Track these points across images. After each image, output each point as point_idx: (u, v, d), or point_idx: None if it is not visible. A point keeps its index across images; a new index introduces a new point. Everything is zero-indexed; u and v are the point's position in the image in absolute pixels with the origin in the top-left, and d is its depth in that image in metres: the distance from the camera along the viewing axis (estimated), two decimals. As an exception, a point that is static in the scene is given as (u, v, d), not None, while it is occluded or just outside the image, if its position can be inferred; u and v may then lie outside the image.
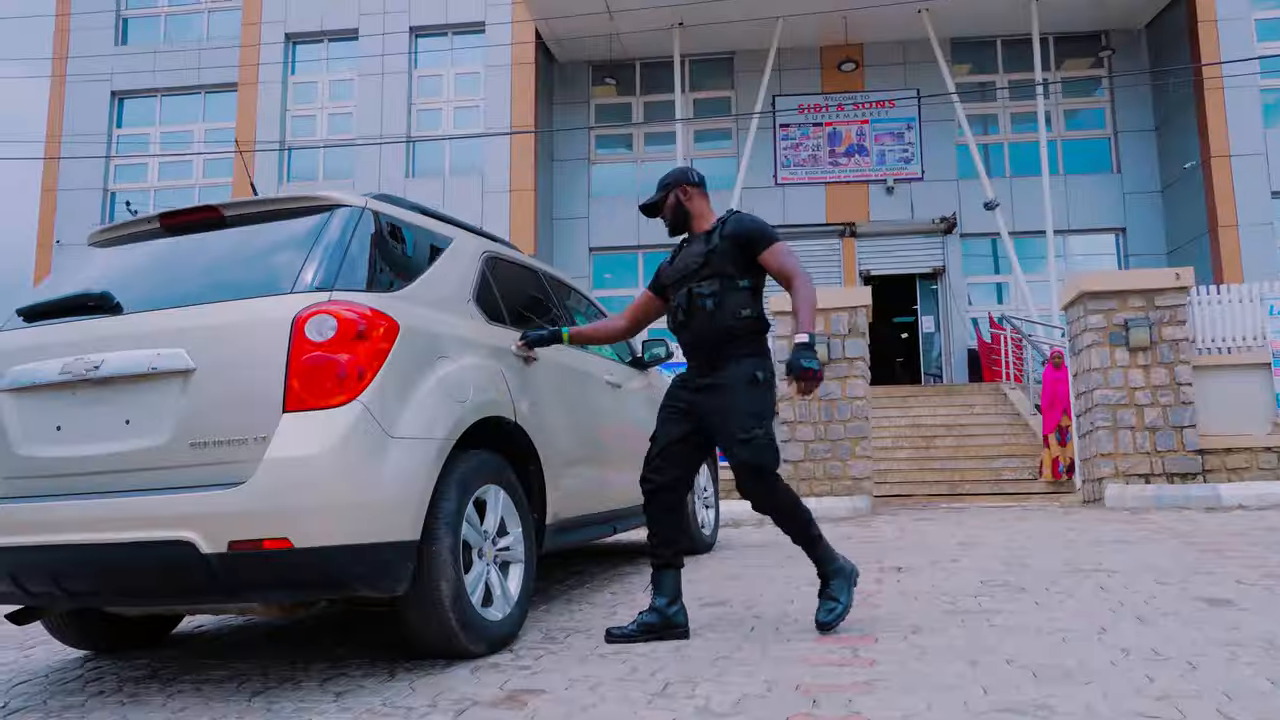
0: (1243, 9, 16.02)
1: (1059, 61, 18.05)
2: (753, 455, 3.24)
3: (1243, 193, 15.60)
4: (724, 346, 3.35)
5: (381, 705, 2.68)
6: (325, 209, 3.13)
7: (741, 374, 3.31)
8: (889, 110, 18.18)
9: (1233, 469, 7.46)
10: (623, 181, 18.61)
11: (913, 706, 2.45)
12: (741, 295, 3.35)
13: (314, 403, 2.68)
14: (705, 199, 3.58)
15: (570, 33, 17.11)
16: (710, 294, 3.34)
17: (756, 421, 3.26)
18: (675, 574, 3.43)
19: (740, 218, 3.45)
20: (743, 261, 3.36)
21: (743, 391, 3.29)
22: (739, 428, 3.25)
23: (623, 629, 3.38)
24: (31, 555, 2.72)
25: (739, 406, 3.28)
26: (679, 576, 3.45)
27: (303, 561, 2.61)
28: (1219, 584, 3.96)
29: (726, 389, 3.31)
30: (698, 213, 3.53)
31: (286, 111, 17.70)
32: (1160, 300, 7.68)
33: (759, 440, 3.24)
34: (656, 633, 3.34)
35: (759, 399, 3.31)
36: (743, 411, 3.27)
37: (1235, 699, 2.41)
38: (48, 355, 2.86)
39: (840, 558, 3.46)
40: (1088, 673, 2.70)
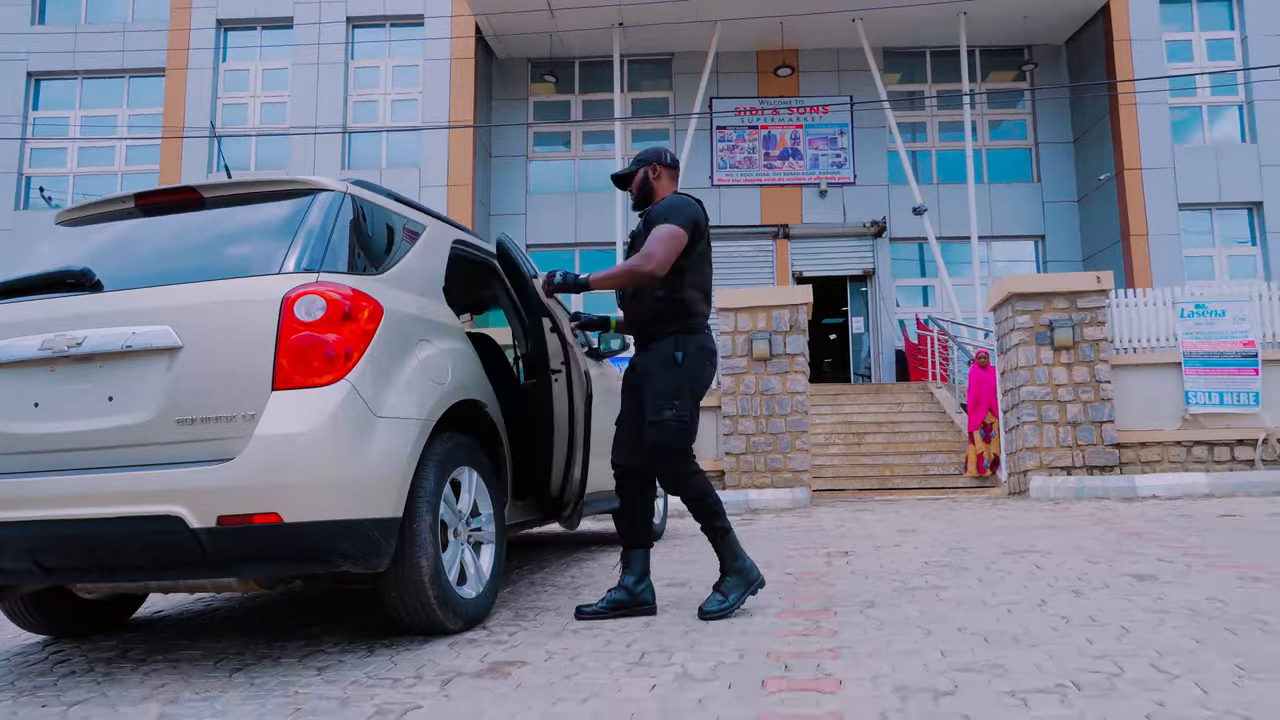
0: (1154, 30, 16.86)
1: (985, 74, 18.72)
2: (659, 436, 3.30)
3: (1153, 204, 16.41)
4: (648, 326, 3.46)
5: (366, 678, 2.75)
6: (306, 193, 3.17)
7: (659, 354, 3.39)
8: (823, 116, 18.61)
9: (1146, 462, 7.92)
10: (561, 179, 18.67)
11: (878, 669, 2.62)
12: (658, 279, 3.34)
13: (303, 381, 2.73)
14: (673, 183, 3.62)
15: (510, 29, 17.09)
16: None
17: (667, 403, 3.30)
18: (644, 553, 3.54)
19: (667, 200, 3.46)
20: None
21: (658, 372, 3.36)
22: (650, 409, 3.33)
23: (592, 606, 3.49)
24: (9, 531, 2.70)
25: (653, 387, 3.35)
26: (648, 556, 3.56)
27: (292, 537, 2.66)
28: (1142, 562, 4.26)
29: (647, 368, 3.41)
30: (660, 192, 3.57)
31: (217, 99, 17.28)
32: (1082, 302, 8.11)
33: (667, 422, 3.29)
34: (625, 609, 3.45)
35: (673, 380, 3.34)
36: (656, 392, 3.33)
37: (1165, 656, 2.64)
38: (25, 331, 2.84)
39: (748, 561, 3.46)
40: (1033, 638, 2.91)
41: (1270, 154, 16.49)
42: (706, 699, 2.41)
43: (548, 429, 3.84)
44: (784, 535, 5.91)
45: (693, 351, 3.39)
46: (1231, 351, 8.07)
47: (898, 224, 17.88)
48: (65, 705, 2.63)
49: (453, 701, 2.48)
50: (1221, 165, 16.57)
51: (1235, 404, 7.97)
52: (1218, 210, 16.81)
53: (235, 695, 2.63)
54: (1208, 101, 17.15)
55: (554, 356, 3.85)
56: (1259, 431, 7.94)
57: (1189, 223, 16.70)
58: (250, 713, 2.46)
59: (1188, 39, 17.21)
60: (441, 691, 2.57)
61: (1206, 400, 8.00)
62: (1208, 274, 16.60)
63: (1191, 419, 8.09)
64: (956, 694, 2.37)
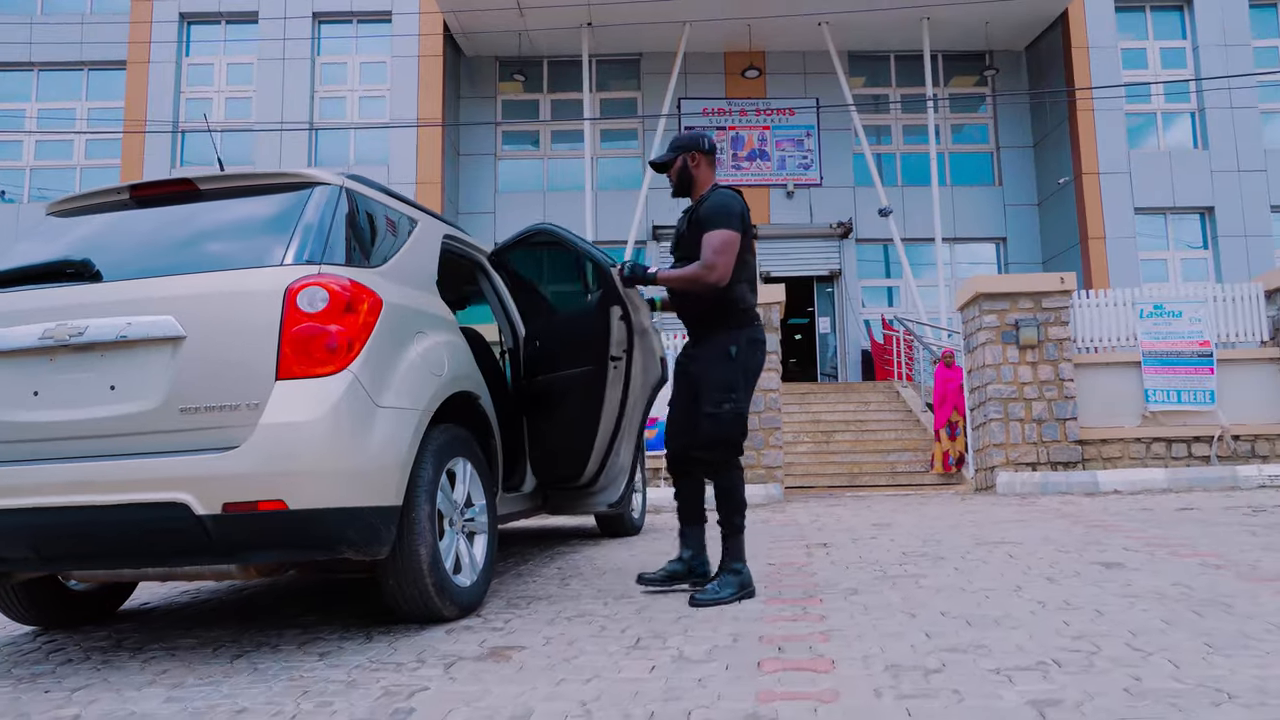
0: (1111, 38, 17.28)
1: (947, 78, 19.04)
2: (715, 428, 3.49)
3: (1109, 208, 16.82)
4: (700, 321, 3.59)
5: (369, 663, 2.79)
6: (303, 186, 3.20)
7: (714, 348, 3.53)
8: (790, 118, 18.80)
9: (1108, 458, 8.15)
10: (529, 178, 18.67)
11: (867, 650, 2.73)
12: None
13: (306, 371, 2.77)
14: (712, 169, 3.71)
15: (479, 27, 17.06)
16: None
17: (725, 395, 3.47)
18: (700, 529, 3.73)
19: (712, 201, 3.54)
20: (699, 244, 3.49)
21: (714, 365, 3.51)
22: (708, 401, 3.49)
23: (652, 575, 3.72)
24: (10, 519, 2.71)
25: (710, 380, 3.50)
26: (703, 531, 3.75)
27: (296, 523, 2.70)
28: (1109, 552, 4.42)
29: (703, 361, 3.56)
30: (701, 181, 3.66)
31: (181, 93, 17.04)
32: (1047, 302, 8.33)
33: (724, 414, 3.47)
34: (681, 579, 3.69)
35: (728, 372, 3.50)
36: (712, 385, 3.49)
37: (1138, 636, 2.77)
38: (25, 320, 2.84)
39: (747, 571, 3.56)
40: (1013, 620, 3.03)
41: (1221, 160, 16.98)
42: (706, 678, 2.50)
43: (593, 415, 3.93)
44: (761, 529, 6.01)
45: (744, 344, 3.53)
46: (1188, 351, 8.34)
47: (863, 225, 18.13)
48: (68, 691, 2.64)
49: (457, 683, 2.54)
50: (1175, 171, 17.03)
51: (1192, 402, 8.23)
52: (1172, 214, 17.27)
53: (240, 680, 2.66)
54: (1162, 108, 17.61)
55: (616, 344, 3.96)
56: (1214, 429, 8.22)
57: (1144, 226, 17.13)
58: (258, 695, 2.50)
59: (1142, 47, 17.66)
60: (446, 674, 2.63)
61: (1165, 398, 8.26)
62: (1162, 277, 17.04)
63: (1151, 416, 8.35)
64: (944, 671, 2.48)
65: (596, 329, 3.99)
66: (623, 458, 4.04)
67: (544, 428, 4.15)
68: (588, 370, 4.02)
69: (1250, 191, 16.92)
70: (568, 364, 4.12)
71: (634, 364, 3.99)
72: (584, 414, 4.01)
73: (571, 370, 4.09)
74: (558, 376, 4.13)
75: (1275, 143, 17.37)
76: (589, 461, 4.05)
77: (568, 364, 4.12)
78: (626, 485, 4.11)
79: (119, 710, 2.43)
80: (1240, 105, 16.95)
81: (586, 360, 4.03)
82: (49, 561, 2.84)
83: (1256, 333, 8.48)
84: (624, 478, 4.11)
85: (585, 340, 4.04)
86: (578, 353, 4.07)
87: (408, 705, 2.35)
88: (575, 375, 4.07)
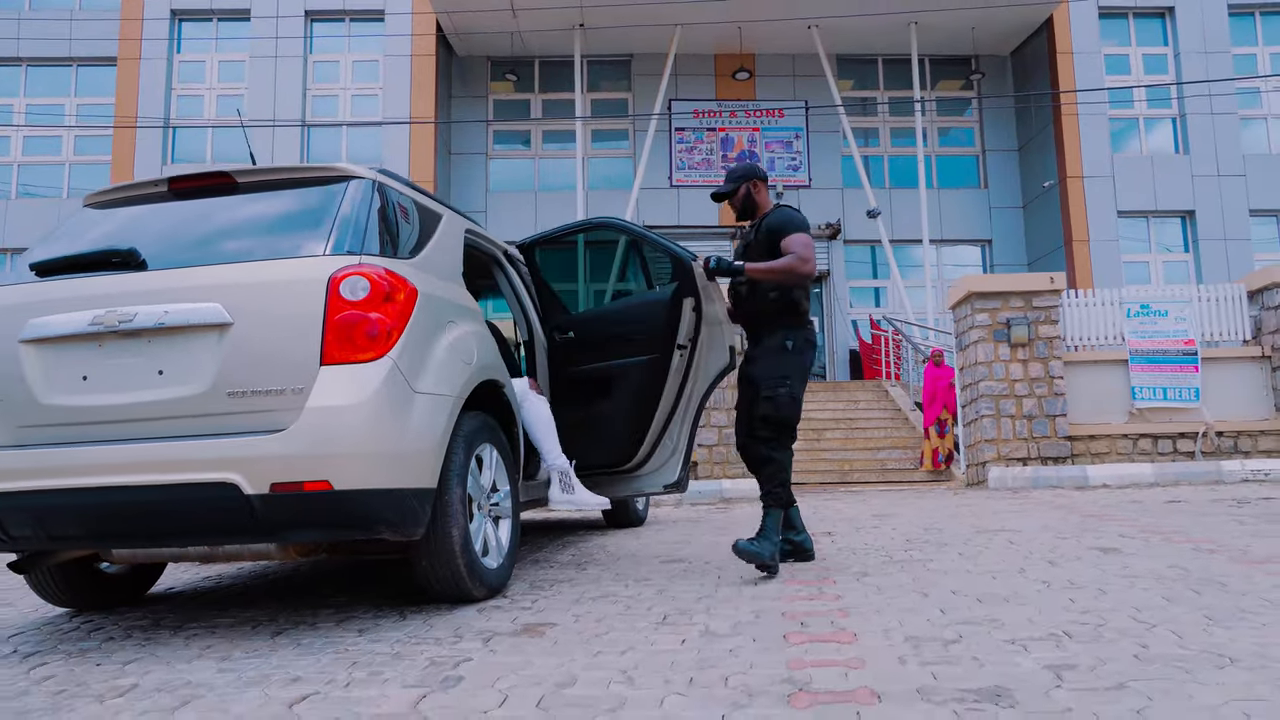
0: (1094, 44, 17.57)
1: (934, 82, 19.29)
2: (772, 409, 3.81)
3: (1093, 211, 17.10)
4: (761, 324, 3.92)
5: (408, 638, 2.90)
6: (339, 180, 3.30)
7: (773, 342, 3.87)
8: (779, 119, 19.00)
9: (1096, 453, 8.35)
10: (520, 177, 18.77)
11: (886, 624, 2.86)
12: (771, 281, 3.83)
13: (348, 357, 2.88)
14: (766, 191, 4.10)
15: (472, 27, 17.14)
16: (745, 281, 3.90)
17: (780, 380, 3.82)
18: (795, 510, 4.10)
19: (778, 213, 3.94)
20: (772, 250, 3.84)
21: (772, 355, 3.86)
22: (765, 386, 3.82)
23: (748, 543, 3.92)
24: (64, 498, 2.80)
25: (766, 366, 3.84)
26: (797, 511, 4.10)
27: (340, 503, 2.80)
28: (1105, 539, 4.58)
29: (759, 353, 3.89)
30: (762, 203, 4.06)
31: (172, 90, 17.03)
32: (1037, 301, 8.53)
33: (780, 396, 3.81)
34: (792, 556, 4.08)
35: (785, 362, 3.85)
36: (769, 371, 3.83)
37: (1142, 611, 2.93)
38: (74, 307, 2.93)
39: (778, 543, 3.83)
40: (1021, 598, 3.18)
41: (1202, 165, 17.30)
42: (736, 649, 2.62)
43: (651, 400, 4.10)
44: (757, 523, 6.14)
45: (800, 342, 3.88)
46: (1173, 349, 8.56)
47: (851, 226, 18.33)
48: (119, 664, 2.74)
49: (499, 655, 2.65)
50: (1157, 175, 17.33)
51: (1178, 399, 8.44)
52: (1153, 218, 17.57)
53: (286, 653, 2.76)
54: (1144, 114, 17.92)
55: (683, 333, 4.21)
56: (1199, 425, 8.43)
57: (1127, 229, 17.43)
58: (308, 665, 2.60)
59: (1125, 53, 17.96)
60: (485, 648, 2.74)
61: (1151, 395, 8.46)
62: (1144, 279, 17.34)
63: (1137, 413, 8.55)
64: (962, 642, 2.62)
65: (666, 318, 4.23)
66: (676, 440, 4.25)
67: (592, 415, 4.31)
68: (650, 358, 4.22)
69: (1230, 196, 17.25)
70: (624, 353, 4.31)
71: (698, 352, 4.21)
72: (641, 400, 4.21)
73: (630, 359, 4.29)
74: (614, 365, 4.30)
75: (1254, 148, 17.72)
76: (642, 445, 4.23)
77: (624, 353, 4.31)
78: (683, 467, 4.29)
79: (174, 679, 2.53)
80: (1220, 111, 17.28)
81: (649, 348, 4.24)
82: (99, 539, 2.93)
83: (1239, 332, 8.71)
84: (678, 460, 4.30)
85: (649, 328, 4.24)
86: (638, 341, 4.27)
87: (456, 674, 2.46)
88: (634, 363, 4.26)
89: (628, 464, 4.35)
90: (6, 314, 3.01)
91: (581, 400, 4.39)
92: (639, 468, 4.38)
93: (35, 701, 2.39)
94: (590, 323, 4.53)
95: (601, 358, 4.32)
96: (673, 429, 4.30)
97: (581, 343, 4.47)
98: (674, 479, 4.32)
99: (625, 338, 4.33)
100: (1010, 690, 2.15)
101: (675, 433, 4.29)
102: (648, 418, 4.25)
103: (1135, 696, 2.08)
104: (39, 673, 2.70)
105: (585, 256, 5.03)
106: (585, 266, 5.03)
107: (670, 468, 4.33)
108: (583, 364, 4.46)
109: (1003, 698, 2.11)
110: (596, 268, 5.10)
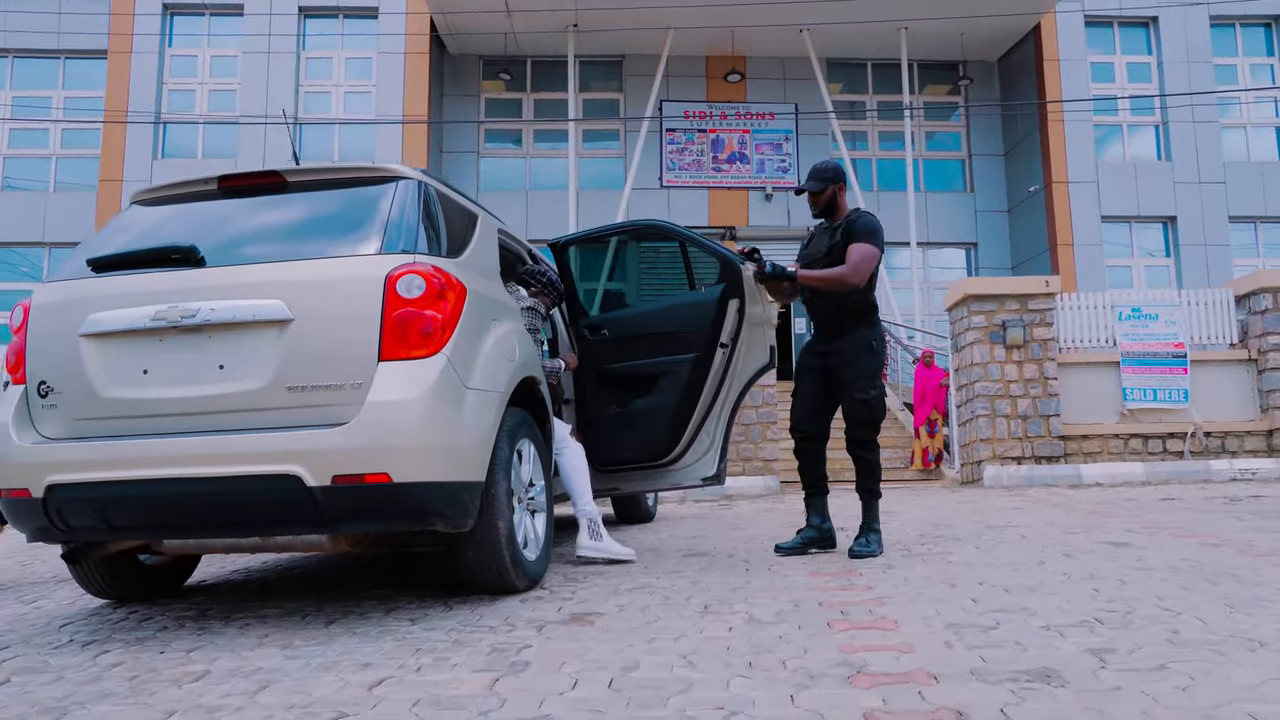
0: (1080, 52, 17.85)
1: (922, 86, 19.51)
2: (868, 411, 4.06)
3: (1078, 215, 17.38)
4: (841, 320, 4.10)
5: (461, 626, 2.99)
6: (388, 180, 3.38)
7: (859, 342, 4.07)
8: (769, 122, 19.15)
9: (1088, 453, 8.55)
10: (512, 176, 18.79)
11: (924, 612, 2.98)
12: None
13: (405, 353, 2.96)
14: (846, 195, 4.32)
15: (466, 27, 17.16)
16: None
17: (872, 383, 4.09)
18: (824, 499, 4.30)
19: (865, 221, 4.11)
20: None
21: (861, 356, 4.07)
22: (858, 388, 4.04)
23: (789, 544, 4.25)
24: (125, 490, 2.86)
25: (859, 369, 4.05)
26: (826, 501, 4.31)
27: (398, 496, 2.89)
28: (1113, 534, 4.73)
29: (848, 353, 4.07)
30: (842, 206, 4.23)
31: (163, 85, 16.94)
32: (1032, 304, 8.72)
33: (874, 398, 4.06)
34: (816, 544, 4.30)
35: (873, 362, 4.07)
36: (861, 374, 4.05)
37: (1164, 599, 3.06)
38: (136, 303, 2.99)
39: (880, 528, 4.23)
40: (1046, 588, 3.31)
41: (1183, 172, 17.62)
42: (784, 636, 2.73)
43: (691, 396, 4.22)
44: (769, 517, 6.28)
45: (879, 341, 4.12)
46: (1164, 352, 8.77)
47: (840, 229, 18.49)
48: (182, 652, 2.80)
49: (556, 642, 2.74)
50: (1140, 181, 17.64)
51: (1168, 400, 8.65)
52: (1136, 223, 17.87)
53: (347, 641, 2.84)
54: (1128, 121, 18.22)
55: (726, 332, 4.36)
56: (1188, 425, 8.64)
57: (1110, 234, 17.72)
58: (372, 651, 2.68)
59: (1111, 61, 18.26)
60: (540, 635, 2.83)
61: (1142, 397, 8.67)
62: (1127, 283, 17.63)
63: (1128, 414, 8.76)
64: (1000, 629, 2.74)
65: (712, 317, 4.37)
66: (713, 435, 4.38)
67: (632, 410, 4.41)
68: (695, 356, 4.33)
69: (1210, 202, 17.58)
70: (668, 350, 4.44)
71: (738, 351, 4.34)
72: (683, 396, 4.32)
73: (674, 356, 4.41)
74: (657, 361, 4.42)
75: (1234, 155, 18.06)
76: (680, 440, 4.35)
77: (668, 350, 4.44)
78: (720, 461, 4.42)
79: (244, 665, 2.60)
80: (1201, 120, 17.61)
81: (693, 346, 4.36)
82: (159, 530, 3.00)
83: (1227, 335, 8.93)
84: (715, 453, 4.42)
85: (693, 327, 4.36)
86: (683, 339, 4.39)
87: (521, 659, 2.55)
88: (678, 360, 4.38)
89: (665, 458, 4.46)
90: (66, 309, 3.07)
91: (621, 396, 4.49)
92: (676, 461, 4.49)
93: (112, 686, 2.46)
94: (630, 321, 4.63)
95: (643, 354, 4.44)
96: (709, 424, 4.42)
97: (620, 340, 4.58)
98: (712, 472, 4.45)
99: (669, 336, 4.46)
100: (1059, 671, 2.27)
101: (712, 428, 4.42)
102: (688, 413, 4.37)
103: (1178, 676, 2.20)
104: (105, 659, 2.76)
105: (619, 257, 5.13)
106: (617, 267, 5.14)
107: (708, 461, 4.46)
108: (624, 360, 4.56)
109: (1053, 678, 2.22)
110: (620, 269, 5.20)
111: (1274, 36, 18.46)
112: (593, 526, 4.18)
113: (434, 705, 2.17)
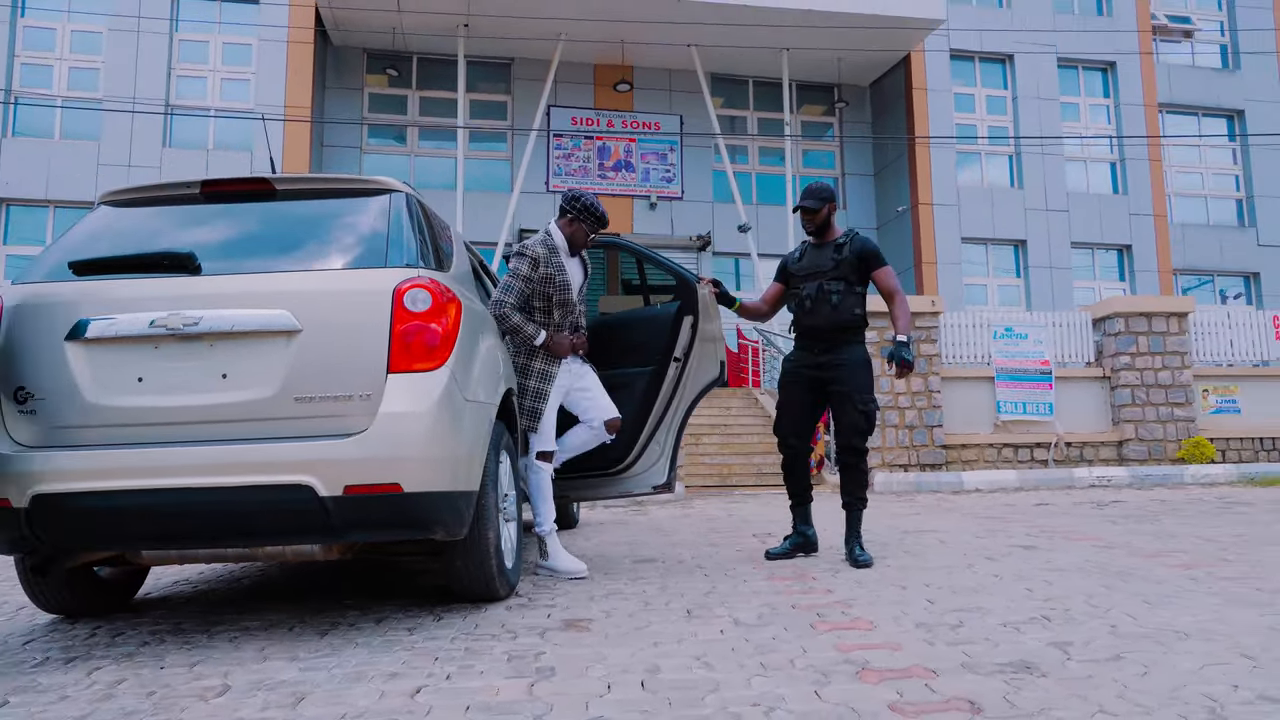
0: (945, 82, 19.09)
1: (800, 105, 20.36)
2: (867, 422, 4.41)
3: (940, 235, 18.57)
4: (840, 334, 4.36)
5: (463, 635, 3.06)
6: (380, 192, 3.40)
7: (858, 357, 4.39)
8: (654, 132, 19.53)
9: (966, 460, 9.23)
10: (396, 173, 18.32)
11: (890, 613, 3.26)
12: (856, 297, 4.37)
13: (412, 366, 3.01)
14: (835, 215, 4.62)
15: (353, 20, 16.74)
16: (836, 292, 4.34)
17: (870, 395, 4.44)
18: (808, 507, 4.66)
19: (864, 239, 4.45)
20: (861, 272, 4.42)
21: (859, 371, 4.40)
22: (860, 400, 4.36)
23: (779, 549, 4.54)
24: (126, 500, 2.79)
25: (861, 381, 4.38)
26: (810, 509, 4.60)
27: (406, 505, 2.94)
28: (1017, 538, 5.21)
29: (847, 366, 4.37)
30: (833, 224, 4.51)
31: (15, 58, 15.72)
32: (919, 322, 9.34)
33: (871, 410, 4.41)
34: (802, 549, 4.63)
35: (870, 377, 4.43)
36: (860, 387, 4.38)
37: (1092, 597, 3.46)
38: (131, 308, 2.92)
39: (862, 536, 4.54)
40: (987, 590, 3.66)
41: (1033, 199, 19.10)
42: (778, 637, 2.94)
43: (645, 407, 4.33)
44: (688, 523, 6.51)
45: (868, 355, 4.47)
46: (1033, 369, 9.57)
47: (721, 239, 19.08)
48: (184, 667, 2.76)
49: (565, 648, 2.86)
50: (995, 206, 19.01)
51: (1035, 413, 9.44)
52: (991, 245, 19.24)
53: (354, 651, 2.87)
54: (985, 149, 19.59)
55: (680, 347, 4.54)
56: (1052, 436, 9.46)
57: (969, 254, 19.00)
58: (390, 661, 2.73)
59: (972, 93, 19.59)
60: (546, 641, 2.94)
61: (1013, 409, 9.43)
62: (982, 300, 18.95)
63: (1002, 425, 9.50)
64: (965, 627, 3.04)
65: (666, 332, 4.55)
66: (664, 444, 4.53)
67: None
68: (651, 369, 4.45)
69: (1055, 228, 19.14)
70: (626, 363, 4.56)
71: (690, 365, 4.50)
72: (638, 407, 4.45)
73: (632, 369, 4.52)
74: (615, 374, 4.53)
75: (1075, 187, 19.70)
76: (634, 448, 4.48)
77: (626, 363, 4.56)
78: (670, 469, 4.56)
79: (263, 679, 2.60)
80: (1049, 152, 19.16)
81: (649, 360, 4.47)
82: (159, 540, 2.93)
83: (1085, 354, 9.82)
84: (665, 462, 4.56)
85: (649, 342, 4.47)
86: (640, 352, 4.50)
87: (543, 665, 2.66)
88: (636, 373, 4.50)
89: (618, 466, 4.60)
90: (48, 312, 2.96)
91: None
92: (629, 469, 4.63)
93: (132, 703, 2.42)
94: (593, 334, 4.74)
95: (602, 367, 4.56)
96: (660, 433, 4.58)
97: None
98: (663, 480, 4.60)
99: (628, 349, 4.60)
100: (1036, 664, 2.58)
101: (663, 438, 4.58)
102: (641, 423, 4.52)
103: (1134, 665, 2.54)
104: (103, 676, 2.69)
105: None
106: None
107: (659, 470, 4.61)
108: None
109: (1032, 669, 2.52)
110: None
111: (1109, 80, 20.25)
112: (542, 546, 4.27)
113: (485, 711, 2.26)
